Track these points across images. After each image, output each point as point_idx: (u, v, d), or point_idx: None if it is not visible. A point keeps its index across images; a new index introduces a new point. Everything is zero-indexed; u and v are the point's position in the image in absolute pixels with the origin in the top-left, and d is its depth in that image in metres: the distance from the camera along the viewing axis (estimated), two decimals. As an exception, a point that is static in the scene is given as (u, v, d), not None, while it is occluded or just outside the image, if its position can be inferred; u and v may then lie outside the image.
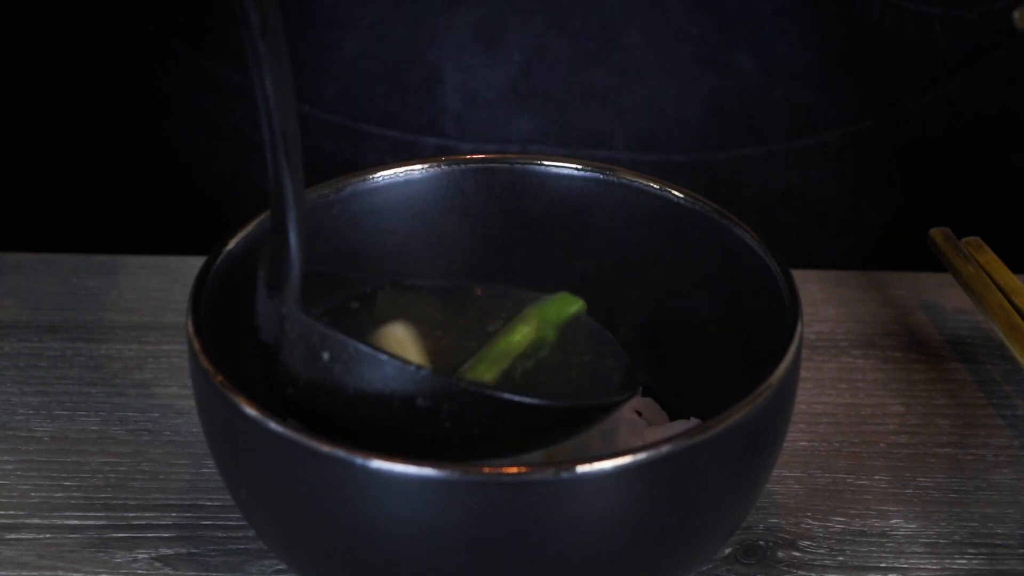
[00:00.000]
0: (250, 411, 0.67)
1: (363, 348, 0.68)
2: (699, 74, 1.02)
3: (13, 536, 0.77)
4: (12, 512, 0.78)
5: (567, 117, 1.03)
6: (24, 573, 0.75)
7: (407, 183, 0.80)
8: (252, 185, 1.07)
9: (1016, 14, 1.04)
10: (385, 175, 0.80)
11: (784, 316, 0.72)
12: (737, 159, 1.04)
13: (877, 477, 0.81)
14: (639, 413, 0.79)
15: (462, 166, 0.81)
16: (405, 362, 0.68)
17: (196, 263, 0.75)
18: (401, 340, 0.72)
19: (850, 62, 1.03)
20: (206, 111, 1.06)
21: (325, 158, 1.06)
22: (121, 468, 0.81)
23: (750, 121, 1.04)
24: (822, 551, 0.77)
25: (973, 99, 1.07)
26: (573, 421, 0.70)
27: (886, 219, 1.10)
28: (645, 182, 0.79)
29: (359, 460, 0.65)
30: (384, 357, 0.68)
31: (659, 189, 0.79)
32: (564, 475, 0.65)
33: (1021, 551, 0.77)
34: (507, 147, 1.04)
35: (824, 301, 0.92)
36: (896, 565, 0.76)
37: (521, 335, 0.72)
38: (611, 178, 0.80)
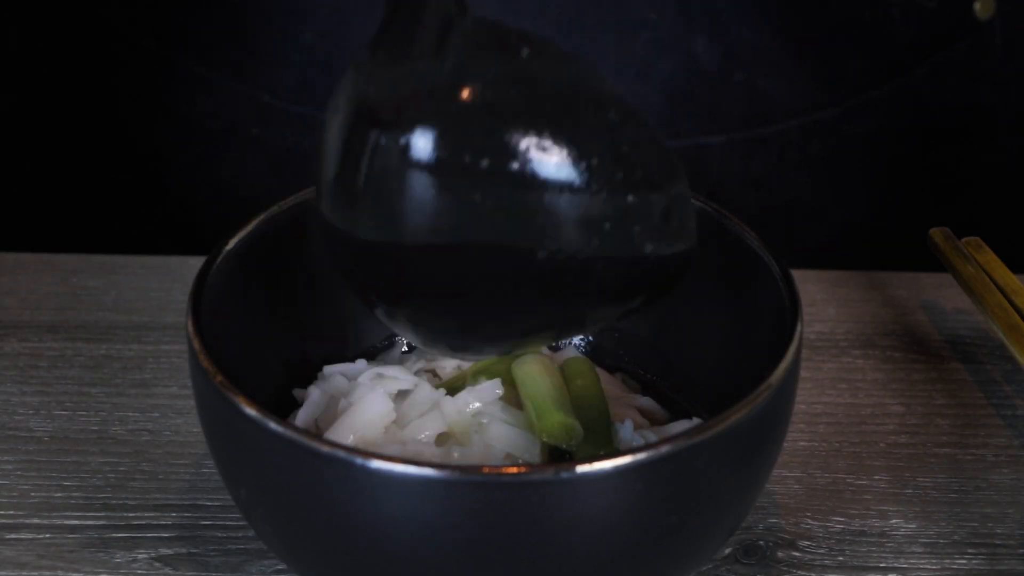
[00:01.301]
0: (250, 411, 0.67)
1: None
2: (657, 60, 1.02)
3: (13, 536, 0.77)
4: (12, 512, 0.78)
5: None
6: (24, 573, 0.75)
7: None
8: (227, 182, 1.07)
9: (977, 5, 1.04)
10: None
11: (784, 316, 0.72)
12: (698, 147, 1.04)
13: (877, 477, 0.81)
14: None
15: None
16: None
17: (196, 263, 0.75)
18: None
19: (809, 49, 1.03)
20: (183, 109, 1.06)
21: (287, 148, 1.07)
22: (121, 468, 0.81)
23: (710, 108, 1.03)
24: (822, 551, 0.77)
25: (938, 91, 1.06)
26: None
27: (852, 209, 1.10)
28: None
29: (359, 460, 0.65)
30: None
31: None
32: (564, 475, 0.65)
33: (1021, 551, 0.77)
34: None
35: (824, 301, 0.92)
36: (896, 565, 0.76)
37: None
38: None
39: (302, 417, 0.76)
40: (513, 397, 0.76)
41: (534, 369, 0.77)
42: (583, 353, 0.82)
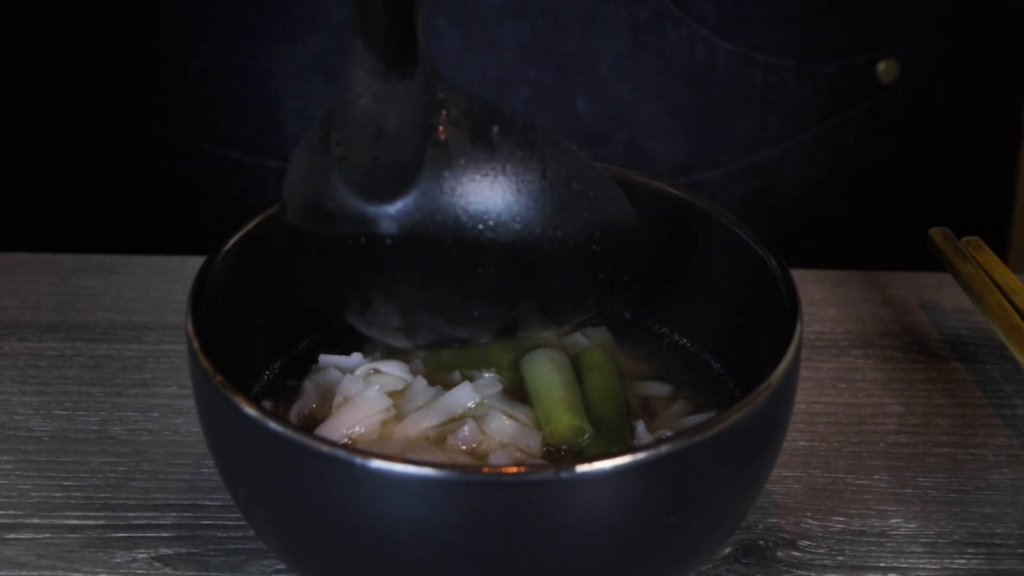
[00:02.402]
0: (250, 411, 0.67)
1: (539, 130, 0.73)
2: (538, 118, 1.02)
3: (13, 536, 0.77)
4: (12, 512, 0.78)
5: None
6: (24, 573, 0.75)
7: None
8: (226, 181, 1.07)
9: (881, 67, 1.04)
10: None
11: (784, 316, 0.72)
12: None
13: (877, 477, 0.81)
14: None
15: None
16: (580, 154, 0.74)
17: (196, 263, 0.75)
18: None
19: (693, 111, 1.03)
20: (183, 108, 1.06)
21: (165, 174, 1.07)
22: (121, 468, 0.81)
23: None
24: (822, 551, 0.77)
25: (833, 150, 1.07)
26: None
27: (852, 209, 1.10)
28: (645, 182, 0.79)
29: (359, 460, 0.65)
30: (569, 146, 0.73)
31: (659, 189, 0.79)
32: (564, 475, 0.65)
33: (1021, 551, 0.77)
34: None
35: (824, 301, 0.92)
36: (896, 565, 0.76)
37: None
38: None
39: (295, 411, 0.76)
40: (517, 390, 0.76)
41: (544, 366, 0.77)
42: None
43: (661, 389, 0.78)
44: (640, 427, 0.74)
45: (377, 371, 0.76)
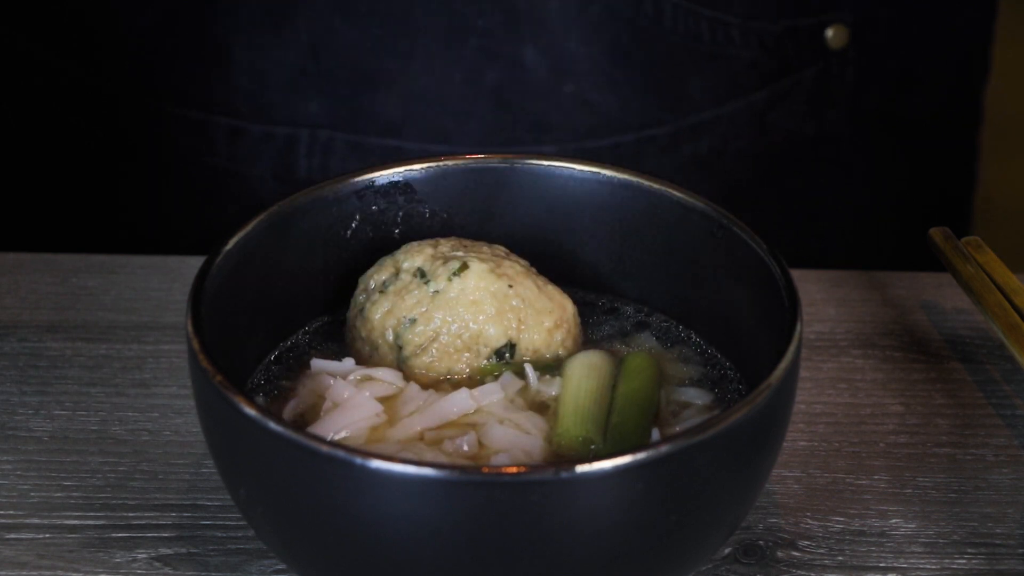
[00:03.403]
0: (250, 411, 0.67)
1: None
2: (485, 67, 1.02)
3: (13, 536, 0.77)
4: (12, 512, 0.78)
5: (355, 103, 1.03)
6: (24, 573, 0.75)
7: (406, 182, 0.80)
8: (227, 181, 1.07)
9: (829, 33, 1.04)
10: (384, 174, 0.80)
11: (784, 316, 0.72)
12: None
13: (876, 477, 0.81)
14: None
15: (461, 165, 0.81)
16: None
17: (196, 263, 0.75)
18: None
19: (641, 66, 1.02)
20: (182, 108, 1.06)
21: (117, 132, 1.07)
22: (121, 468, 0.81)
23: (539, 118, 1.03)
24: (822, 551, 0.77)
25: (783, 116, 1.06)
26: None
27: (851, 208, 1.10)
28: (645, 181, 0.79)
29: (359, 460, 0.65)
30: None
31: (659, 188, 0.79)
32: (564, 475, 0.65)
33: (1021, 551, 0.77)
34: (297, 130, 1.04)
35: (824, 301, 0.92)
36: (896, 565, 0.76)
37: None
38: (611, 177, 0.80)
39: (288, 411, 0.76)
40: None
41: (578, 371, 0.76)
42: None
43: (701, 397, 0.77)
44: (655, 435, 0.74)
45: (369, 377, 0.76)
